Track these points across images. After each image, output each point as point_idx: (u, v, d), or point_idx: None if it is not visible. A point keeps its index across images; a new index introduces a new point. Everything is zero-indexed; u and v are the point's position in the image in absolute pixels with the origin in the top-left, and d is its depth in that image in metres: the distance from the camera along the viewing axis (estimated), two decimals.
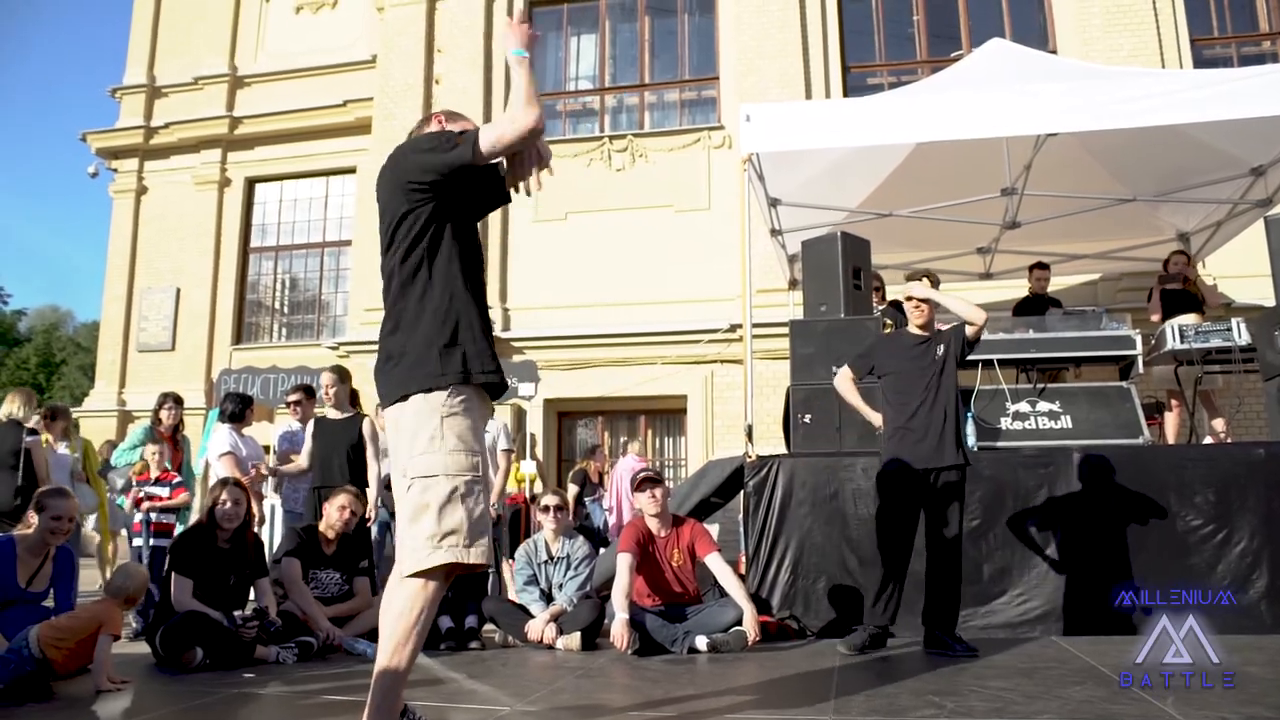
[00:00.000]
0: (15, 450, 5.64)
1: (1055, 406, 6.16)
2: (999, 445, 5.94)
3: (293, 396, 6.55)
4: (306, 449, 5.97)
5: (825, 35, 10.89)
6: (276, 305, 13.62)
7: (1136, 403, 6.10)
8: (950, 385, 4.56)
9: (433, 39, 11.98)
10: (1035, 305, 7.69)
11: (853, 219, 7.85)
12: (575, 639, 4.78)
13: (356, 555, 5.27)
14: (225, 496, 4.70)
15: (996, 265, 9.04)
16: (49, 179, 73.87)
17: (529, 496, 7.78)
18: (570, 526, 5.73)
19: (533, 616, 5.01)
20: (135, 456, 6.35)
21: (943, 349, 4.57)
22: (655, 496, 5.03)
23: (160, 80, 14.21)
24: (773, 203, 7.60)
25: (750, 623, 4.63)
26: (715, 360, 10.25)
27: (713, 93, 11.45)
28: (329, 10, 13.86)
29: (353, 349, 11.00)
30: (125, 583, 4.08)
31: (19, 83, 66.81)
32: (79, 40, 70.55)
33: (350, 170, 12.98)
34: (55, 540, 4.24)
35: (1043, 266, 8.09)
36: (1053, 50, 10.12)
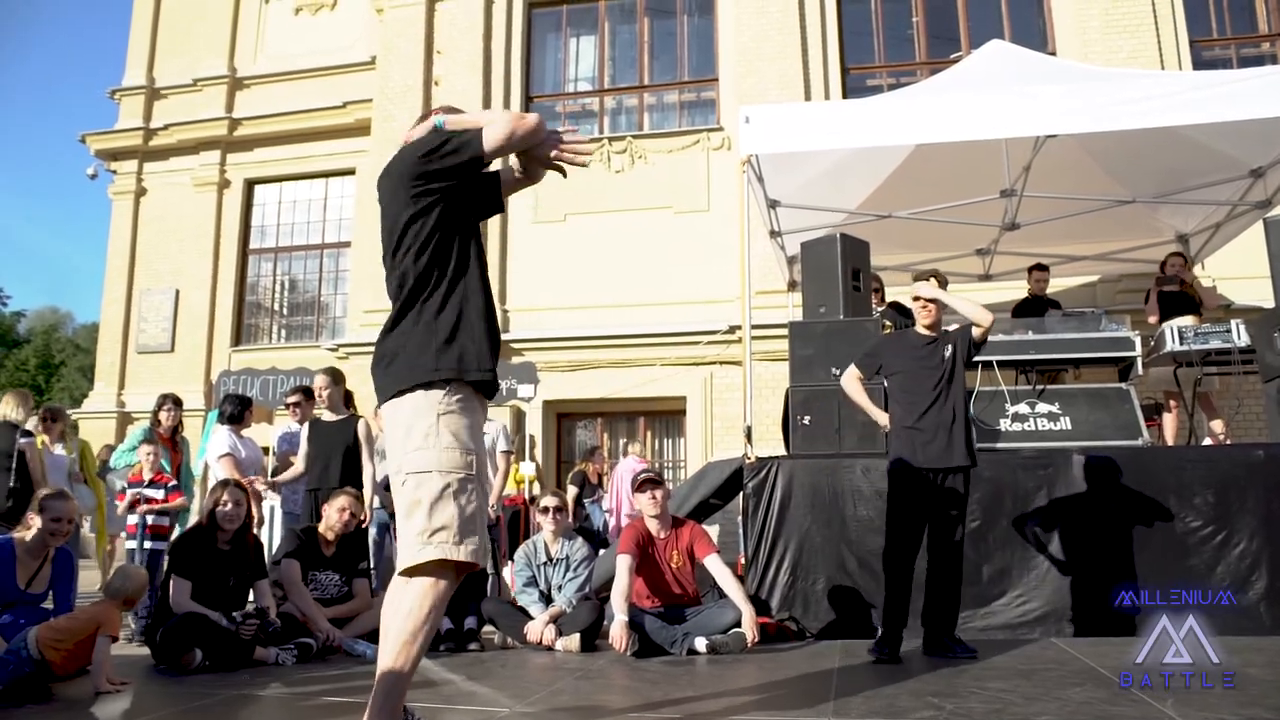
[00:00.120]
0: (9, 452, 5.65)
1: (1054, 408, 6.16)
2: (998, 447, 5.94)
3: (292, 398, 6.54)
4: (302, 451, 5.97)
5: (825, 37, 10.89)
6: (276, 307, 13.61)
7: (1136, 404, 6.11)
8: (959, 386, 4.55)
9: (432, 41, 11.97)
10: (1034, 307, 7.70)
11: (852, 220, 7.86)
12: (574, 640, 4.77)
13: (356, 557, 5.27)
14: (226, 497, 4.70)
15: (996, 267, 9.04)
16: (49, 180, 74.02)
17: (528, 498, 7.78)
18: (569, 528, 5.73)
19: (532, 618, 5.01)
20: (134, 458, 6.36)
21: (950, 349, 4.56)
22: (655, 498, 5.03)
23: (159, 82, 14.20)
24: (772, 204, 7.61)
25: (749, 624, 4.62)
26: (714, 362, 10.25)
27: (712, 94, 11.45)
28: (328, 12, 13.86)
29: (352, 351, 10.99)
30: (124, 584, 4.09)
31: (19, 83, 66.95)
32: (79, 41, 70.63)
33: (349, 172, 12.98)
34: (55, 542, 4.24)
35: (1042, 268, 8.11)
36: (1052, 52, 10.14)
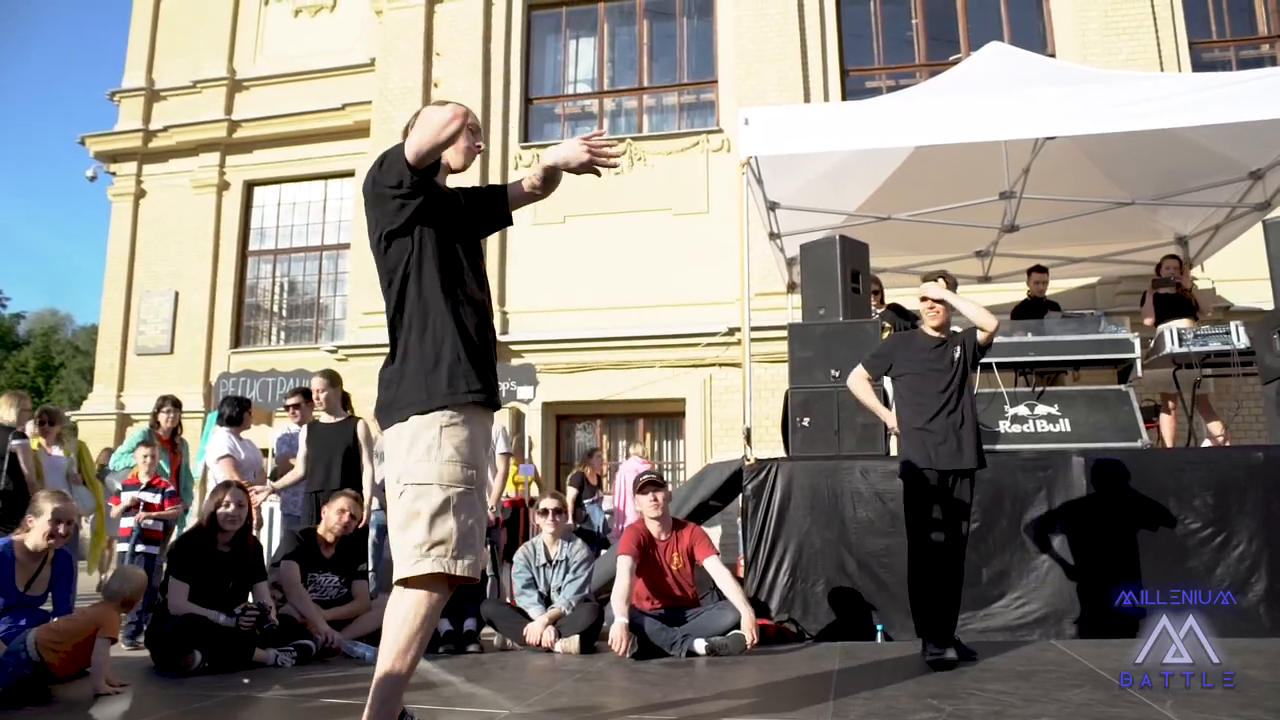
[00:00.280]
0: (0, 454, 5.63)
1: (1054, 410, 6.16)
2: (998, 448, 5.93)
3: (291, 400, 6.54)
4: (301, 453, 5.96)
5: (824, 39, 10.89)
6: (275, 309, 13.61)
7: (1135, 406, 6.11)
8: (969, 388, 4.53)
9: (431, 42, 11.97)
10: (1034, 308, 7.70)
11: (851, 222, 7.87)
12: (574, 642, 4.77)
13: (355, 558, 5.27)
14: (228, 499, 4.70)
15: (995, 268, 9.04)
16: (48, 181, 74.00)
17: (527, 499, 7.78)
18: (569, 530, 5.72)
19: (531, 620, 5.01)
20: (133, 460, 6.34)
21: (959, 350, 4.53)
22: (657, 500, 5.03)
23: (159, 84, 14.20)
24: (771, 206, 7.61)
25: (748, 626, 4.62)
26: (714, 363, 10.24)
27: (711, 96, 11.46)
28: (327, 13, 13.86)
29: (351, 352, 10.99)
30: (122, 586, 4.09)
31: (19, 84, 66.96)
32: (79, 41, 70.65)
33: (349, 174, 12.96)
34: (55, 543, 4.24)
35: (1041, 270, 8.12)
36: (1051, 54, 10.15)
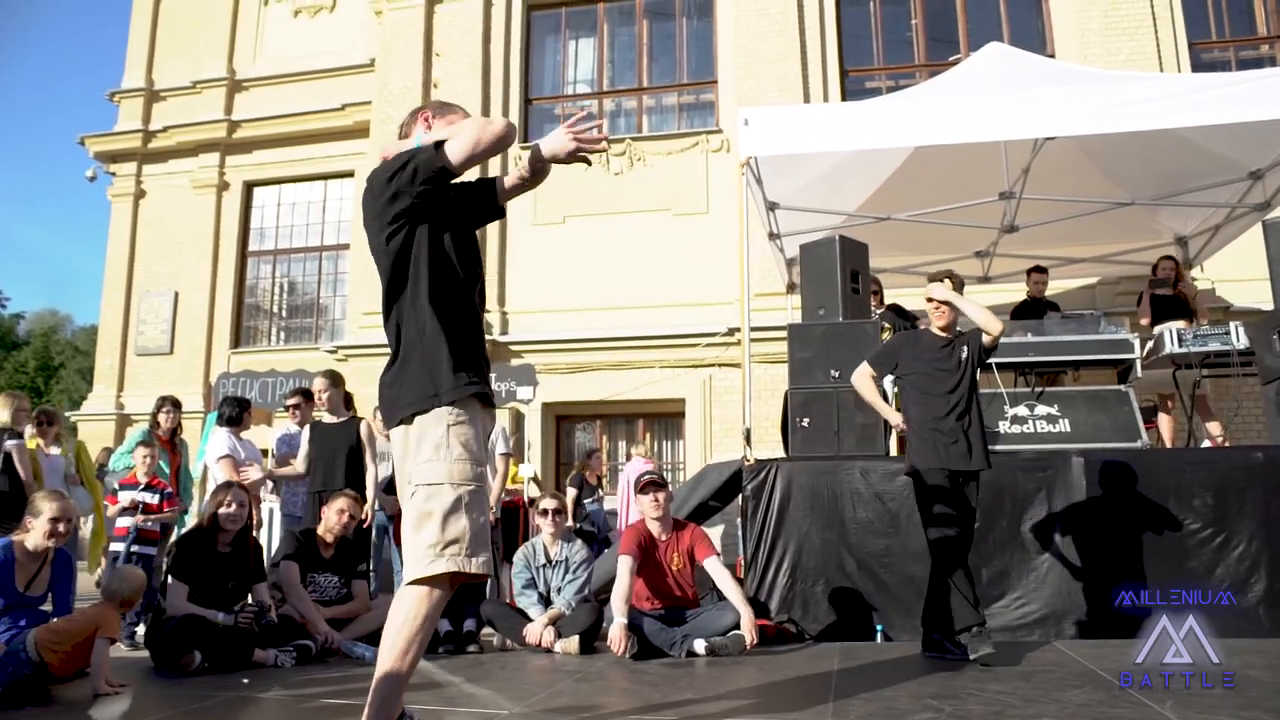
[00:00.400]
0: None
1: (1054, 410, 6.16)
2: (997, 449, 5.92)
3: (291, 400, 6.54)
4: (303, 453, 5.96)
5: (824, 39, 10.90)
6: (274, 309, 13.61)
7: (1135, 406, 6.10)
8: (976, 388, 4.53)
9: (431, 43, 11.97)
10: (1033, 309, 7.71)
11: (851, 222, 7.87)
12: (573, 642, 4.77)
13: (354, 558, 5.27)
14: (230, 499, 4.70)
15: (995, 269, 9.05)
16: (48, 181, 73.96)
17: (526, 500, 7.78)
18: (569, 530, 5.72)
19: (531, 620, 5.01)
20: (133, 460, 6.33)
21: (966, 350, 4.52)
22: (658, 500, 5.02)
23: (159, 84, 14.21)
24: (771, 206, 7.61)
25: (748, 626, 4.62)
26: (713, 364, 10.25)
27: (711, 96, 11.46)
28: (327, 14, 13.87)
29: (351, 353, 10.99)
30: (120, 586, 4.08)
31: (19, 84, 66.94)
32: (79, 42, 70.63)
33: (348, 174, 12.97)
34: (55, 543, 4.23)
35: (1041, 270, 8.12)
36: (1051, 54, 10.16)
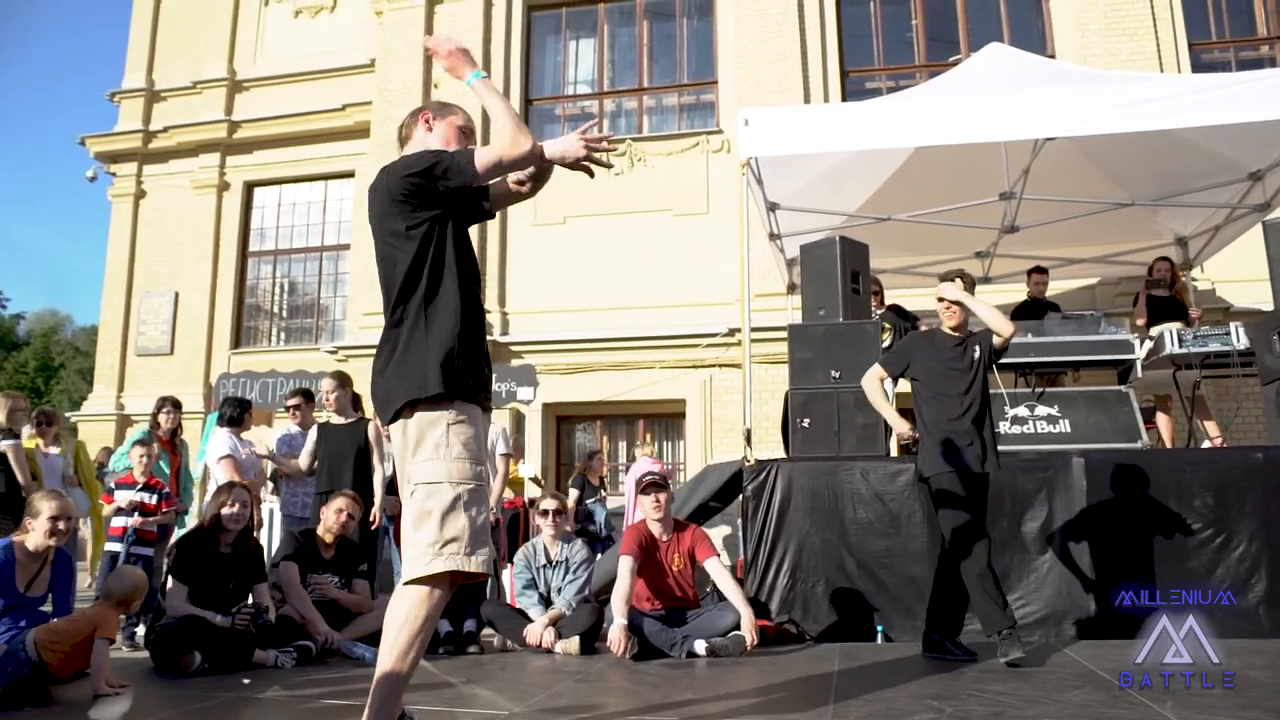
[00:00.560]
0: None
1: (1054, 410, 6.16)
2: (997, 449, 5.93)
3: (292, 400, 6.54)
4: (306, 451, 5.96)
5: (824, 39, 10.89)
6: (275, 309, 13.61)
7: (1135, 407, 6.11)
8: (988, 389, 4.50)
9: None
10: (1034, 309, 7.70)
11: (851, 223, 7.87)
12: (574, 643, 4.76)
13: (355, 559, 5.27)
14: (231, 499, 4.71)
15: (995, 269, 9.04)
16: (48, 181, 73.97)
17: (527, 500, 7.78)
18: (569, 531, 5.72)
19: (531, 620, 5.01)
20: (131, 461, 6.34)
21: (978, 351, 4.49)
22: (659, 501, 5.02)
23: (159, 84, 14.20)
24: (771, 207, 7.61)
25: (748, 627, 4.62)
26: (714, 364, 10.24)
27: (711, 97, 11.46)
28: (328, 14, 13.86)
29: (351, 353, 10.98)
30: (119, 586, 4.08)
31: (19, 83, 66.95)
32: (79, 42, 70.65)
33: (349, 174, 12.97)
34: (56, 542, 4.23)
35: (1041, 271, 8.12)
36: (1051, 55, 10.15)
